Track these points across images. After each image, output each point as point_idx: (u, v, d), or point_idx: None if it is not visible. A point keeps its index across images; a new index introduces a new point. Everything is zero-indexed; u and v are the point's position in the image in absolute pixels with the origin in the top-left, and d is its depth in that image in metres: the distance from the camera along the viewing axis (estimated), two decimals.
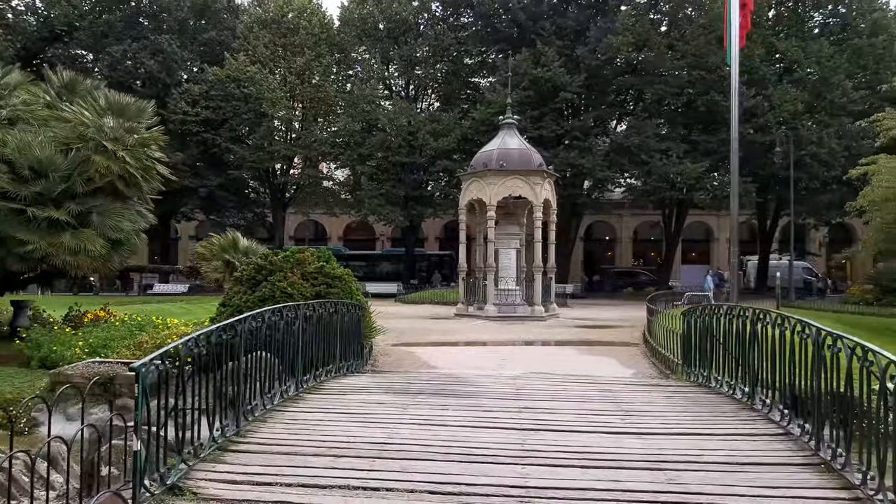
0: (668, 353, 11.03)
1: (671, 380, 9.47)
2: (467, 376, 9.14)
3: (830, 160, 34.78)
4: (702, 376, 8.35)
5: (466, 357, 12.36)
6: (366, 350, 11.07)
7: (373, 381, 8.22)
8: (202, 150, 38.66)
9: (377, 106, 36.12)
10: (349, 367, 9.27)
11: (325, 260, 10.46)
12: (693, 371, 8.77)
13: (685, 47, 33.89)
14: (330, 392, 7.45)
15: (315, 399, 7.04)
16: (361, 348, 10.05)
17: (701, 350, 8.47)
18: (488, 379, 8.80)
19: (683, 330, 9.39)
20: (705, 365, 8.26)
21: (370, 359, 11.53)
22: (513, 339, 15.80)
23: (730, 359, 7.44)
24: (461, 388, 7.75)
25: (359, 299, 10.55)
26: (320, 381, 7.91)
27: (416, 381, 8.43)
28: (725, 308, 7.57)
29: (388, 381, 8.26)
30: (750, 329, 6.72)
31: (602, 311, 26.52)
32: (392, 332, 16.56)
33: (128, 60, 37.67)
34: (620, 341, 15.17)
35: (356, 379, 8.48)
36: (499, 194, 20.90)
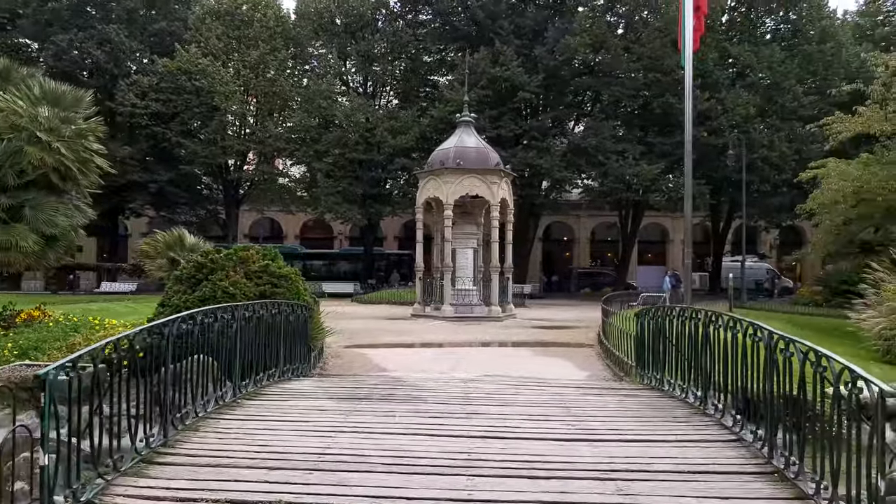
0: (621, 354, 10.93)
1: (624, 382, 9.35)
2: (417, 380, 8.86)
3: (781, 163, 35.57)
4: (655, 379, 8.23)
5: (419, 359, 12.08)
6: (314, 352, 10.69)
7: (317, 386, 7.87)
8: (152, 144, 37.50)
9: (334, 101, 35.51)
10: (295, 371, 8.89)
11: (270, 258, 10.03)
12: (646, 374, 8.66)
13: (641, 49, 34.27)
14: (270, 398, 7.07)
15: (253, 405, 6.66)
16: (309, 351, 9.67)
17: (654, 352, 8.36)
18: (439, 382, 8.53)
19: (637, 332, 9.28)
20: (658, 368, 8.14)
21: (319, 362, 11.15)
22: (468, 340, 15.58)
23: (683, 362, 7.32)
24: (409, 393, 7.45)
25: (306, 300, 10.16)
26: (262, 385, 7.52)
27: (363, 385, 8.11)
28: (678, 310, 7.45)
29: (333, 386, 7.93)
30: (702, 332, 6.59)
31: (559, 311, 26.54)
32: (345, 333, 16.18)
33: (74, 50, 36.26)
34: (576, 342, 15.09)
35: (300, 383, 8.12)
36: (456, 193, 20.66)
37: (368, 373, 10.19)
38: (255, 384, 7.40)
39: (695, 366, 6.86)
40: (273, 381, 7.92)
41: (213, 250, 9.92)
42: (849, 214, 19.59)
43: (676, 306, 7.70)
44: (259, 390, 7.36)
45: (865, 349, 11.43)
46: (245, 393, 7.06)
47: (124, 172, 36.17)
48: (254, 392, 7.22)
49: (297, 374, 8.93)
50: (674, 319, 7.61)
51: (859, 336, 12.00)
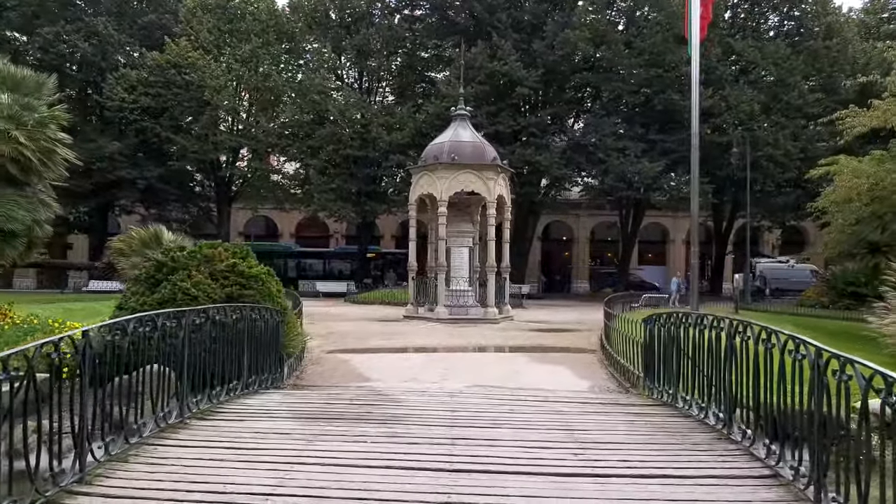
0: (627, 363, 9.99)
1: (631, 396, 8.41)
2: (400, 393, 7.92)
3: (786, 162, 34.67)
4: (667, 394, 7.29)
5: (407, 366, 11.13)
6: (290, 360, 9.75)
7: (284, 402, 6.92)
8: (141, 139, 36.50)
9: (328, 96, 34.53)
10: (264, 383, 7.95)
11: (241, 256, 9.09)
12: (656, 387, 7.72)
13: (642, 44, 33.32)
14: (225, 417, 6.13)
15: (203, 427, 5.72)
16: (281, 360, 8.73)
17: (666, 363, 7.42)
18: (424, 396, 7.59)
19: (645, 339, 8.35)
20: (671, 381, 7.20)
21: (297, 370, 10.21)
22: (462, 344, 14.64)
23: (700, 376, 6.39)
24: (388, 411, 6.52)
25: (280, 303, 9.21)
26: (218, 401, 6.58)
27: (337, 400, 7.16)
28: (696, 317, 6.51)
29: (302, 402, 6.98)
30: (727, 343, 5.65)
31: (558, 312, 25.61)
32: (332, 336, 15.28)
33: (61, 43, 35.24)
34: (576, 347, 14.15)
35: (266, 398, 7.17)
36: (450, 189, 19.71)
37: (348, 383, 9.24)
38: (210, 400, 6.46)
39: (716, 382, 5.93)
40: (234, 396, 6.98)
41: (175, 247, 8.98)
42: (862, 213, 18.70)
43: (692, 313, 6.76)
44: (215, 407, 6.42)
45: (890, 356, 10.54)
46: (196, 411, 6.12)
47: (113, 168, 35.30)
48: (208, 410, 6.28)
49: (267, 386, 7.99)
50: (690, 328, 6.67)
51: (879, 342, 11.09)
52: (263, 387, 7.90)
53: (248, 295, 8.59)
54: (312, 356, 12.02)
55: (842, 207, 19.12)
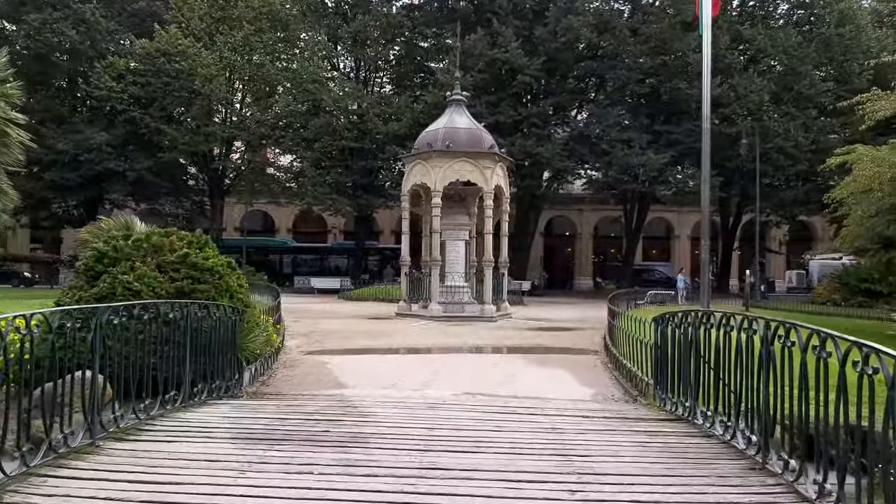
0: (634, 367, 8.91)
1: (640, 407, 7.32)
2: (373, 403, 6.85)
3: (797, 154, 33.52)
4: (682, 406, 6.20)
5: (390, 370, 10.05)
6: (255, 364, 8.69)
7: (229, 417, 5.84)
8: (130, 130, 35.41)
9: (322, 85, 33.40)
10: (216, 391, 6.88)
11: (198, 246, 8.02)
12: (670, 397, 6.63)
13: (648, 30, 32.11)
14: (149, 437, 5.06)
15: (114, 452, 4.64)
16: (239, 364, 7.65)
17: (681, 371, 6.33)
18: (399, 409, 6.51)
19: (657, 341, 7.26)
20: (687, 391, 6.12)
21: (264, 374, 9.14)
22: (454, 344, 13.56)
23: (725, 388, 5.30)
24: (351, 429, 5.44)
25: (242, 299, 8.14)
26: (148, 416, 5.51)
27: (294, 414, 6.09)
28: (720, 317, 5.42)
29: (251, 417, 5.90)
30: (763, 349, 4.56)
31: (560, 310, 24.54)
32: (314, 335, 14.24)
33: (47, 31, 34.14)
34: (578, 348, 13.06)
35: (209, 412, 6.10)
36: (445, 179, 18.60)
37: (318, 391, 8.16)
38: (139, 415, 5.39)
39: (747, 397, 4.84)
40: (172, 409, 5.91)
41: (118, 235, 7.90)
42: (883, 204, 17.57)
43: (712, 311, 5.67)
44: (142, 424, 5.34)
45: None
46: (116, 429, 5.04)
47: (101, 160, 34.26)
48: (131, 428, 5.21)
49: (219, 395, 6.92)
50: (712, 329, 5.57)
51: None
52: (215, 396, 6.83)
53: (202, 290, 7.52)
54: (288, 358, 10.96)
55: (860, 198, 17.97)
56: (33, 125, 34.89)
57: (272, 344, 9.92)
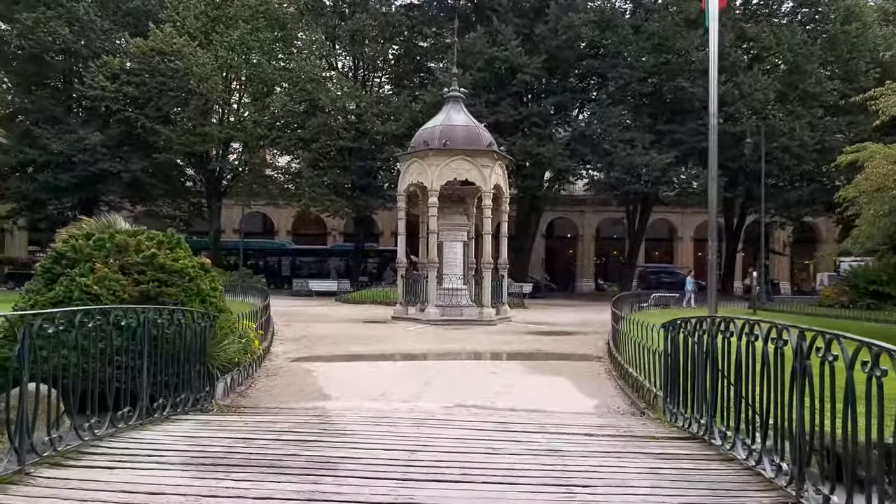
0: (641, 375, 8.27)
1: (648, 421, 6.67)
2: (355, 419, 6.22)
3: (802, 153, 32.89)
4: (696, 423, 5.56)
5: (380, 378, 9.41)
6: (232, 374, 8.05)
7: (188, 437, 5.20)
8: (125, 130, 34.85)
9: (319, 84, 32.79)
10: (181, 405, 6.25)
11: (169, 246, 7.41)
12: (681, 412, 5.99)
13: (651, 27, 31.45)
14: (91, 463, 4.42)
15: (44, 483, 4.01)
16: (210, 375, 7.01)
17: (695, 383, 5.68)
18: (383, 427, 5.87)
19: (666, 349, 6.62)
20: (702, 406, 5.47)
21: (244, 384, 8.50)
22: (450, 350, 12.92)
23: (748, 405, 4.66)
24: (323, 452, 4.80)
25: (214, 303, 7.52)
26: (94, 436, 4.87)
27: (263, 433, 5.44)
28: (741, 324, 4.77)
29: (214, 436, 5.26)
30: (797, 364, 3.92)
31: (561, 313, 23.89)
32: (305, 340, 13.61)
33: (40, 30, 33.59)
34: (580, 354, 12.41)
35: (168, 430, 5.46)
36: (442, 177, 17.96)
37: (297, 404, 7.53)
38: (81, 435, 4.75)
39: (778, 417, 4.20)
40: (127, 426, 5.27)
41: (79, 234, 7.28)
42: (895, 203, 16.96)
43: (735, 318, 5.02)
44: (86, 446, 4.70)
45: None
46: (53, 453, 4.41)
47: (95, 161, 33.69)
48: (73, 451, 4.57)
49: (185, 409, 6.29)
50: (732, 338, 4.92)
51: None
52: (180, 410, 6.19)
53: (170, 294, 6.91)
54: (273, 365, 10.33)
55: (872, 197, 17.35)
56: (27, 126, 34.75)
57: (253, 351, 9.29)
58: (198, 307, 7.12)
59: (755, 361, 4.52)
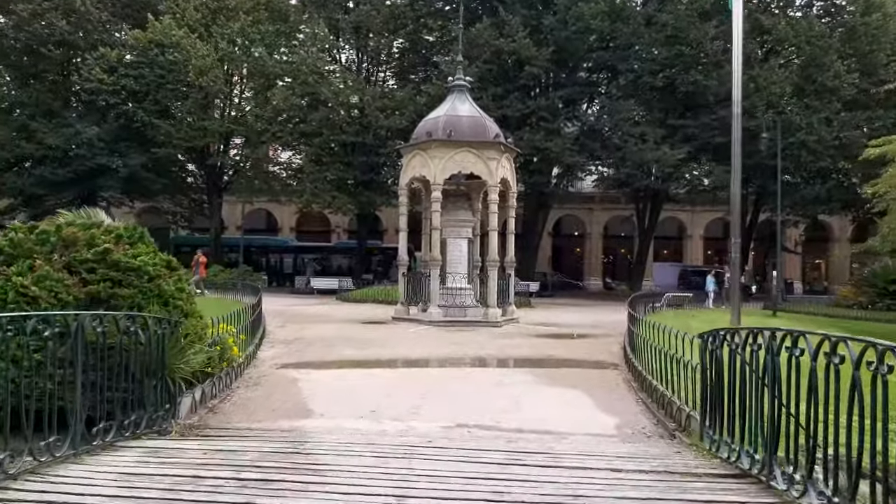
0: (667, 388, 7.27)
1: (683, 449, 5.66)
2: (336, 447, 5.23)
3: (819, 149, 31.73)
4: (750, 458, 4.54)
5: (373, 389, 8.43)
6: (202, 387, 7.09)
7: (122, 476, 4.23)
8: (123, 124, 34.02)
9: (322, 77, 31.81)
10: (129, 428, 5.28)
11: (130, 241, 6.45)
12: (727, 441, 4.98)
13: (664, 18, 30.32)
14: None
15: None
16: (169, 390, 6.04)
17: (746, 408, 4.67)
18: (368, 459, 4.88)
19: (704, 364, 5.63)
20: (757, 439, 4.47)
21: (217, 397, 7.54)
22: (453, 355, 11.94)
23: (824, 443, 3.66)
24: (285, 502, 3.83)
25: (180, 307, 6.55)
26: (5, 474, 3.92)
27: (220, 467, 4.46)
28: (818, 341, 3.76)
29: (154, 475, 4.29)
30: None
31: (570, 313, 22.88)
32: (296, 344, 12.66)
33: (37, 22, 32.76)
34: (594, 360, 11.41)
35: (100, 465, 4.48)
36: (445, 170, 16.95)
37: (276, 422, 6.55)
38: None
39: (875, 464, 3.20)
40: (52, 459, 4.32)
41: (20, 227, 6.32)
42: None
43: (805, 333, 4.01)
44: None
45: None
46: None
47: (92, 155, 32.86)
48: None
49: (136, 432, 5.32)
50: (801, 357, 3.92)
51: None
52: (129, 434, 5.23)
53: (125, 296, 5.95)
54: (257, 373, 9.38)
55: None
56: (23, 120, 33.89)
57: (232, 358, 8.33)
58: (158, 311, 6.17)
59: (833, 385, 3.51)
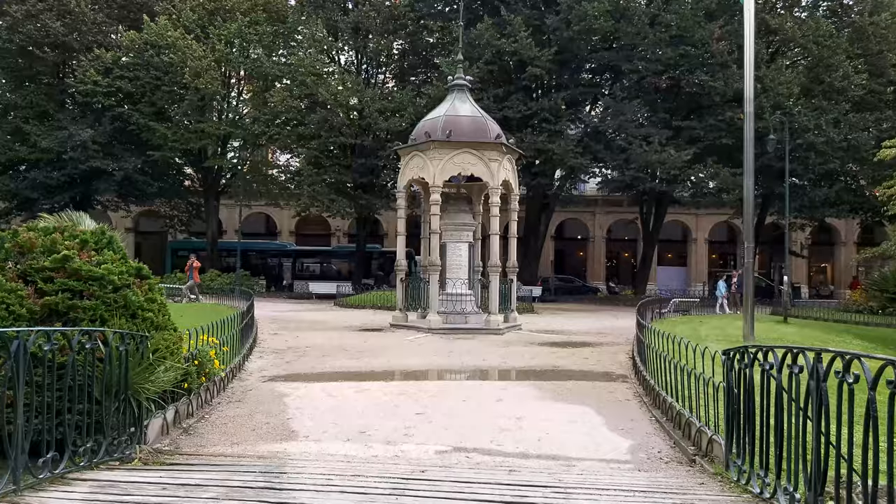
0: (683, 406, 6.68)
1: (707, 479, 5.05)
2: (315, 481, 4.63)
3: (827, 151, 31.13)
4: (788, 496, 3.94)
5: (365, 405, 7.83)
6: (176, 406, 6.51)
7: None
8: (117, 126, 33.51)
9: (319, 78, 31.27)
10: (86, 456, 4.69)
11: (96, 247, 5.88)
12: (759, 474, 4.38)
13: (669, 17, 29.76)
14: None
15: None
16: (132, 412, 5.44)
17: (784, 439, 4.07)
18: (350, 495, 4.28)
19: (728, 382, 5.03)
20: (797, 475, 3.87)
21: (194, 415, 6.96)
22: (452, 366, 11.34)
23: None
24: None
25: (150, 319, 5.97)
26: None
27: None
28: (879, 367, 3.17)
29: None
30: None
31: (573, 318, 22.29)
32: (288, 353, 12.08)
33: (30, 23, 32.27)
34: (601, 371, 10.81)
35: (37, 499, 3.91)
36: (445, 172, 16.36)
37: (253, 446, 5.95)
38: None
39: None
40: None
41: None
42: None
43: (860, 355, 3.41)
44: None
45: None
46: None
47: (86, 158, 32.34)
48: None
49: (94, 460, 4.74)
50: (849, 382, 3.32)
51: None
52: (85, 463, 4.64)
53: (86, 308, 5.37)
54: (242, 387, 8.79)
55: None
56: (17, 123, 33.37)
57: (213, 372, 7.74)
58: (124, 324, 5.58)
59: None
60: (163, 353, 5.98)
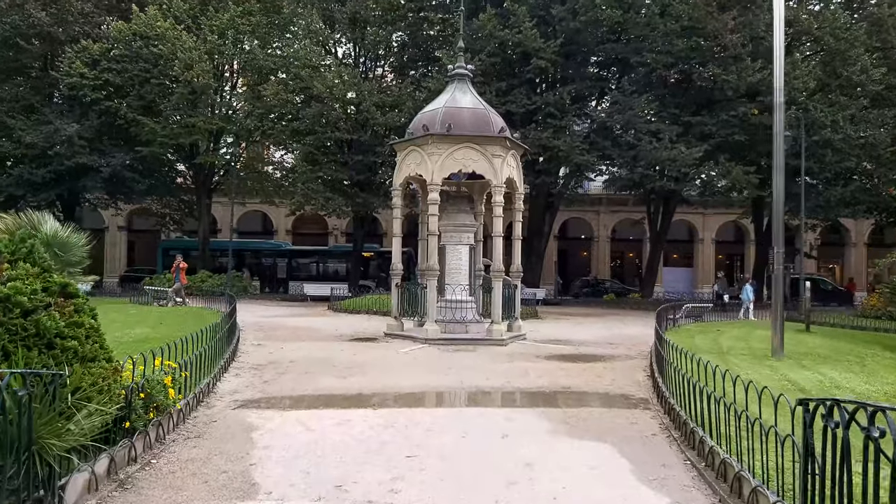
0: (731, 456, 5.47)
1: None
2: None
3: (845, 148, 29.86)
4: None
5: (345, 444, 6.61)
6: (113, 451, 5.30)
7: None
8: (104, 121, 32.30)
9: (315, 70, 30.03)
10: None
11: (11, 258, 4.68)
12: None
13: (679, 8, 28.47)
14: None
15: None
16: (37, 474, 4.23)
17: None
18: None
19: (810, 443, 3.82)
20: None
21: (137, 461, 5.75)
22: (449, 387, 10.11)
23: None
24: None
25: (71, 348, 4.75)
26: None
27: None
28: None
29: None
30: None
31: (580, 325, 21.08)
32: (268, 370, 10.88)
33: (14, 13, 31.08)
34: (618, 394, 9.59)
35: None
36: (444, 169, 15.14)
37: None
38: None
39: None
40: None
41: None
42: None
43: None
44: None
45: None
46: None
47: (72, 154, 31.14)
48: None
49: None
50: None
51: None
52: None
53: None
54: (206, 417, 7.58)
55: None
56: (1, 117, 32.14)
57: (167, 406, 6.53)
58: (32, 358, 4.37)
59: None
60: (87, 393, 4.77)
